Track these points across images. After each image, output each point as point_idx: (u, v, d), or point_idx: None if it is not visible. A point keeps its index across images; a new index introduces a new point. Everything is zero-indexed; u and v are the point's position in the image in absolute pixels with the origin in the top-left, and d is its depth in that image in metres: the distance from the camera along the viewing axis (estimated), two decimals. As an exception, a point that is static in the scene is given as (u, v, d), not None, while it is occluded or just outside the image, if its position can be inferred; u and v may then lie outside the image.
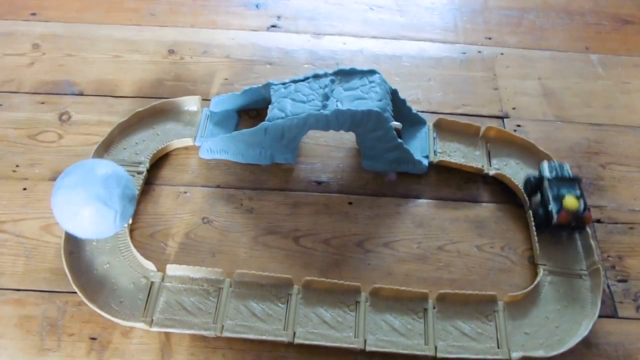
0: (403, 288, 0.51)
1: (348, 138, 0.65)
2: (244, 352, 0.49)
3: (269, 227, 0.57)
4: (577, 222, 0.54)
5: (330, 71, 0.59)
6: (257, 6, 0.80)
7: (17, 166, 0.60)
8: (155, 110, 0.63)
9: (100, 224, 0.47)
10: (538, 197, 0.56)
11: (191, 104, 0.64)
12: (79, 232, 0.48)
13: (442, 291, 0.51)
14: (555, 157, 0.62)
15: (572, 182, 0.55)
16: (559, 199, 0.54)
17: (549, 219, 0.54)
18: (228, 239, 0.56)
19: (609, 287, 0.54)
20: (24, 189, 0.59)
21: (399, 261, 0.56)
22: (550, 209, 0.54)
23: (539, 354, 0.48)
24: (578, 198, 0.54)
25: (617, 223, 0.59)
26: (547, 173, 0.56)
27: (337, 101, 0.57)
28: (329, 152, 0.64)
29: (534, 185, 0.57)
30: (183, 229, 0.57)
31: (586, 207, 0.54)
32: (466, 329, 0.50)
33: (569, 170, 0.57)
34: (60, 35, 0.74)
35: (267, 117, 0.57)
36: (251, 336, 0.48)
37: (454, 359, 0.48)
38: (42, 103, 0.66)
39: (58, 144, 0.63)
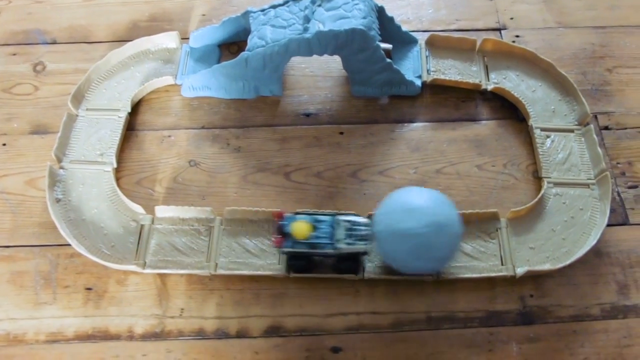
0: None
1: (335, 66, 0.61)
2: (242, 292, 0.48)
3: (258, 165, 0.55)
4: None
5: (309, -9, 0.55)
6: None
7: (-6, 122, 0.58)
8: (132, 50, 0.60)
9: None
10: None
11: (169, 40, 0.61)
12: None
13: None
14: (558, 65, 0.58)
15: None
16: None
17: None
18: (217, 180, 0.54)
19: (619, 194, 0.52)
20: (4, 144, 0.57)
21: (395, 188, 0.52)
22: None
23: (545, 267, 0.46)
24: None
25: (626, 128, 0.56)
26: None
27: (318, 23, 0.53)
28: (316, 82, 0.60)
29: None
30: (170, 173, 0.54)
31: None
32: (468, 249, 0.48)
33: None
34: (26, -17, 0.70)
35: (247, 47, 0.54)
36: (246, 272, 0.47)
37: (457, 280, 0.46)
38: (14, 54, 0.63)
39: (35, 95, 0.60)
